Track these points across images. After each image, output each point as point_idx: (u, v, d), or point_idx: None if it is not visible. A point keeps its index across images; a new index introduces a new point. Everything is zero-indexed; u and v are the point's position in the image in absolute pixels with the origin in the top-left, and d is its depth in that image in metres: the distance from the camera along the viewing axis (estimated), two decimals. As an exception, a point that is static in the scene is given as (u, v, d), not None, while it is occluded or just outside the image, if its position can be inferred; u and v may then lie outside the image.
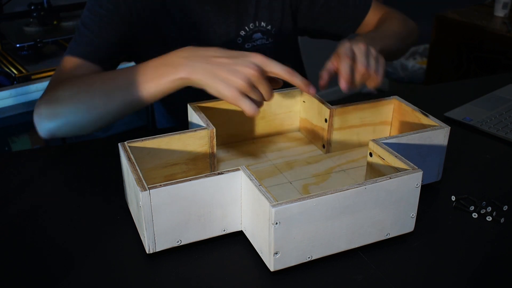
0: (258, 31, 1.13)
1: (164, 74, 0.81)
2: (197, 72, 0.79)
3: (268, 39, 1.15)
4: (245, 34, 1.12)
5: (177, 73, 0.80)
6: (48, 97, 0.93)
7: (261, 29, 1.13)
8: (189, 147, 0.80)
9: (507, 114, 1.12)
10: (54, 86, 0.94)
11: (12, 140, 1.62)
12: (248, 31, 1.12)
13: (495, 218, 0.79)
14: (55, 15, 1.74)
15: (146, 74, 0.83)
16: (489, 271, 0.70)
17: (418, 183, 0.71)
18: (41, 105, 0.93)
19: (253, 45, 1.13)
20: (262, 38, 1.14)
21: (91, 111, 0.88)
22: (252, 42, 1.13)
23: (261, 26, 1.13)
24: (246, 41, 1.13)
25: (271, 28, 1.14)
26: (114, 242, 0.74)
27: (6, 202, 0.82)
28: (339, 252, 0.71)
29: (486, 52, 2.28)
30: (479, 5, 2.55)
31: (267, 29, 1.14)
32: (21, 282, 0.67)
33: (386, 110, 0.94)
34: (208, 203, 0.70)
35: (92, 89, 0.89)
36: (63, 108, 0.90)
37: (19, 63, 1.59)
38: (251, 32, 1.12)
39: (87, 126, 0.90)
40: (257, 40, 1.14)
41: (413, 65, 2.83)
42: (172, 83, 0.81)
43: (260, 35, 1.14)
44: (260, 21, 1.13)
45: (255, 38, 1.13)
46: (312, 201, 0.65)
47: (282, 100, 0.96)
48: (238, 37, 1.12)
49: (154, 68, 0.83)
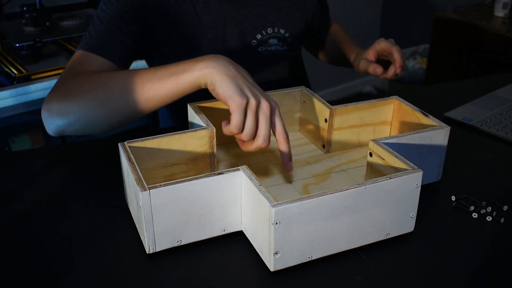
0: (275, 37, 1.14)
1: (186, 69, 0.79)
2: (219, 72, 0.77)
3: (283, 46, 1.16)
4: (261, 38, 1.13)
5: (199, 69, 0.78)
6: (59, 91, 0.87)
7: (278, 36, 1.15)
8: (189, 147, 0.80)
9: (507, 114, 1.12)
10: (66, 81, 0.90)
11: (12, 140, 1.62)
12: (265, 35, 1.13)
13: (495, 218, 0.79)
14: (47, 16, 1.73)
15: (167, 69, 0.81)
16: (489, 271, 0.70)
17: (418, 183, 0.71)
18: (51, 100, 0.87)
19: (267, 49, 1.14)
20: (278, 44, 1.15)
21: (107, 107, 0.84)
22: (267, 47, 1.14)
23: (279, 33, 1.15)
24: (260, 44, 1.13)
25: (289, 36, 1.16)
26: (114, 242, 0.74)
27: (6, 202, 0.82)
28: (339, 252, 0.71)
29: (486, 52, 2.28)
30: (479, 5, 2.55)
31: (285, 37, 1.15)
32: (22, 282, 0.67)
33: (386, 110, 0.94)
34: (208, 203, 0.70)
35: (108, 84, 0.85)
36: (76, 103, 0.85)
37: (19, 63, 1.59)
38: (268, 37, 1.13)
39: (100, 124, 0.86)
40: (273, 45, 1.15)
41: (413, 65, 2.83)
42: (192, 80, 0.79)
43: (277, 41, 1.15)
44: (279, 28, 1.14)
45: (271, 43, 1.14)
46: (312, 201, 0.65)
47: (282, 100, 0.96)
48: (253, 40, 1.12)
49: (175, 65, 0.81)
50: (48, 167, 0.92)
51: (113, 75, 0.86)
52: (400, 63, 1.03)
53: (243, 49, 1.13)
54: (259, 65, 1.16)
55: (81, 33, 1.71)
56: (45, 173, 0.90)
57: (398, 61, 1.03)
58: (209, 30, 1.09)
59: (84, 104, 0.85)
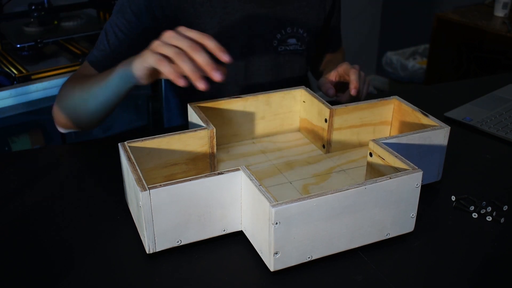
0: (294, 36, 1.14)
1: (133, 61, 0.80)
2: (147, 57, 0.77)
3: (302, 45, 1.16)
4: (280, 37, 1.13)
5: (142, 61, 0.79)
6: (58, 95, 1.01)
7: (297, 35, 1.15)
8: (189, 147, 0.80)
9: (507, 114, 1.12)
10: (62, 89, 1.01)
11: (12, 140, 1.62)
12: (284, 35, 1.13)
13: (495, 218, 0.79)
14: (55, 15, 1.74)
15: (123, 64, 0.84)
16: (489, 271, 0.70)
17: (418, 183, 0.71)
18: (55, 102, 1.01)
19: (286, 49, 1.15)
20: (296, 44, 1.15)
21: (83, 105, 0.94)
22: (286, 46, 1.14)
23: (298, 32, 1.15)
24: (280, 44, 1.14)
25: (307, 35, 1.16)
26: (114, 242, 0.74)
27: (6, 202, 0.82)
28: (339, 252, 0.71)
29: (486, 52, 2.28)
30: (479, 5, 2.54)
31: (303, 36, 1.15)
32: (22, 282, 0.67)
33: (386, 110, 0.94)
34: (208, 203, 0.70)
35: (83, 86, 0.94)
36: (63, 104, 0.98)
37: (19, 63, 1.59)
38: (287, 36, 1.13)
39: (84, 120, 0.97)
40: (291, 45, 1.15)
41: (413, 65, 2.82)
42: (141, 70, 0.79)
43: (295, 40, 1.15)
44: (298, 27, 1.14)
45: (289, 42, 1.14)
46: (312, 201, 0.65)
47: (282, 100, 0.96)
48: (274, 39, 1.13)
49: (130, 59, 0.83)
50: (48, 167, 0.92)
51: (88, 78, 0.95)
52: (355, 85, 0.98)
53: (264, 49, 1.13)
54: (279, 64, 1.16)
55: (82, 33, 1.71)
56: (45, 173, 0.90)
57: (353, 83, 0.98)
58: (229, 29, 1.08)
59: (68, 104, 0.97)
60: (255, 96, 0.93)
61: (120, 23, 1.01)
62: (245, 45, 1.11)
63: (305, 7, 1.14)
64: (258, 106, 0.94)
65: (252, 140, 0.97)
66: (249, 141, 0.97)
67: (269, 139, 0.98)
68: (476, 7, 2.52)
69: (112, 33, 1.01)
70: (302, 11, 1.14)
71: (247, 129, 0.96)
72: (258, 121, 0.96)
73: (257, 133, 0.97)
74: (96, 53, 1.03)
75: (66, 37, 1.71)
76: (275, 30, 1.12)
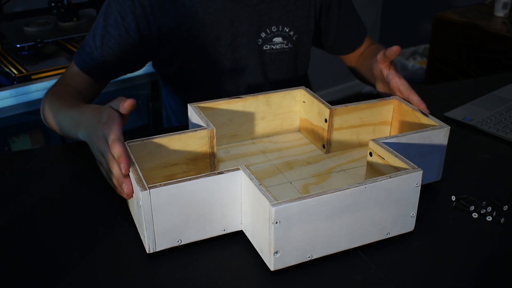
0: (280, 35, 1.14)
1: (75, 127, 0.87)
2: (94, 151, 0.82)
3: (288, 44, 1.15)
4: (265, 36, 1.12)
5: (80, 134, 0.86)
6: (45, 101, 1.02)
7: (283, 34, 1.14)
8: (189, 147, 0.80)
9: (507, 114, 1.12)
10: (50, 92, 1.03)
11: (12, 140, 1.62)
12: (269, 34, 1.12)
13: (495, 218, 0.79)
14: (74, 12, 1.76)
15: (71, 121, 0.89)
16: (489, 271, 0.70)
17: (418, 183, 0.71)
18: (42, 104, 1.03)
19: (272, 48, 1.14)
20: (282, 43, 1.15)
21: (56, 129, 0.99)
22: (271, 45, 1.14)
23: (284, 31, 1.14)
24: (265, 42, 1.13)
25: (293, 34, 1.15)
26: (114, 242, 0.74)
27: (6, 202, 0.82)
28: (339, 251, 0.71)
29: (486, 52, 2.28)
30: (479, 5, 2.54)
31: (289, 35, 1.15)
32: (21, 281, 0.67)
33: (386, 110, 0.94)
34: (208, 203, 0.70)
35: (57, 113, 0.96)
36: (45, 115, 1.02)
37: (19, 63, 1.59)
38: (272, 35, 1.13)
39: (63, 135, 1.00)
40: (277, 44, 1.14)
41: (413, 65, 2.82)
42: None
43: (281, 39, 1.14)
44: (283, 26, 1.13)
45: (275, 42, 1.14)
46: (312, 200, 0.65)
47: (282, 100, 0.96)
48: (258, 38, 1.12)
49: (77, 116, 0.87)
50: (48, 167, 0.92)
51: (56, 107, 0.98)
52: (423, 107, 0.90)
53: (248, 48, 1.12)
54: (264, 64, 1.16)
55: (82, 33, 1.71)
56: (45, 173, 0.90)
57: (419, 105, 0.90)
58: (212, 29, 1.08)
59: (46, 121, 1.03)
60: (255, 96, 0.93)
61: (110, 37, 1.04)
62: (229, 44, 1.11)
63: (291, 5, 1.13)
64: (258, 106, 0.94)
65: (252, 140, 0.97)
66: (249, 141, 0.97)
67: (269, 139, 0.98)
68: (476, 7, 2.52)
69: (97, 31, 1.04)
70: (287, 9, 1.12)
71: (247, 129, 0.96)
72: (258, 121, 0.96)
73: (257, 133, 0.97)
74: (84, 57, 1.05)
75: (66, 37, 1.71)
76: (260, 29, 1.12)
